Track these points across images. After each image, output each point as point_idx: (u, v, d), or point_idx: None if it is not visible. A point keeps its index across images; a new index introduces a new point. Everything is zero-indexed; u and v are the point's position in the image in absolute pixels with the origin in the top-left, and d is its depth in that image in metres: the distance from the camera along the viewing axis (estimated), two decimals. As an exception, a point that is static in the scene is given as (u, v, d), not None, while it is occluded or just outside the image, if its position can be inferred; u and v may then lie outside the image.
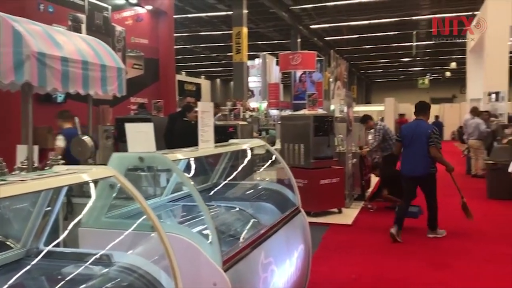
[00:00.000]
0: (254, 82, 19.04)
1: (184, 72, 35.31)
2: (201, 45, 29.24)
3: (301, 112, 8.32)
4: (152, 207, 2.23)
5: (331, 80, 18.78)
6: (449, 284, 4.58)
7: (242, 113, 11.20)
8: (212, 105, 3.45)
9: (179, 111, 8.73)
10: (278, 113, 16.03)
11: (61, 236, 2.53)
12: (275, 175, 4.47)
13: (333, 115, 8.44)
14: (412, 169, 6.04)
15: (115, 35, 10.20)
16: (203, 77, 38.34)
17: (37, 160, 4.10)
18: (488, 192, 8.75)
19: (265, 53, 19.68)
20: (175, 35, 13.07)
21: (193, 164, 3.29)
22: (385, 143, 8.34)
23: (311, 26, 24.55)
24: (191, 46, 28.76)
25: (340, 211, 7.51)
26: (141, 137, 3.16)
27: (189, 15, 21.15)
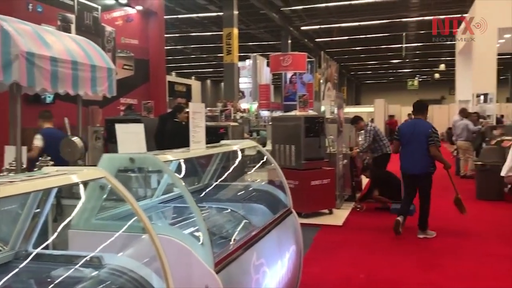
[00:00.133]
0: (244, 83, 19.03)
1: (174, 73, 35.19)
2: (191, 46, 29.17)
3: (292, 113, 8.32)
4: (143, 208, 2.21)
5: (321, 81, 18.86)
6: (440, 284, 4.61)
7: (233, 114, 11.19)
8: (203, 105, 3.43)
9: (169, 112, 8.69)
10: (269, 114, 16.05)
11: (50, 238, 2.50)
12: (266, 176, 4.46)
13: (323, 116, 8.45)
14: (411, 167, 6.12)
15: (105, 36, 10.13)
16: (193, 78, 38.24)
17: (25, 161, 4.06)
18: (477, 193, 8.82)
19: (255, 54, 19.68)
20: (165, 35, 13.02)
21: (184, 165, 3.26)
22: (375, 144, 8.37)
23: (302, 28, 24.62)
24: (182, 46, 28.68)
25: (331, 212, 7.53)
26: (131, 138, 3.14)
27: (180, 16, 21.09)
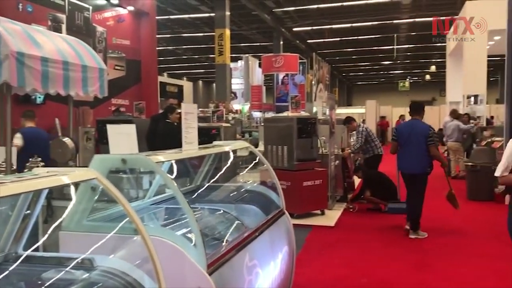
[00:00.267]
0: (236, 84, 19.01)
1: (166, 74, 35.08)
2: (183, 46, 29.09)
3: (284, 114, 8.32)
4: (135, 209, 2.19)
5: (313, 82, 18.91)
6: (432, 285, 4.63)
7: (225, 115, 11.18)
8: (196, 106, 3.42)
9: (161, 112, 8.65)
10: (261, 115, 16.05)
11: (41, 240, 2.47)
12: (259, 177, 4.46)
13: (316, 117, 8.46)
14: (409, 167, 6.18)
15: (96, 36, 10.07)
16: (185, 78, 38.15)
17: (15, 162, 4.02)
18: (467, 193, 8.88)
19: (247, 55, 19.66)
20: (157, 36, 12.97)
21: (176, 166, 3.25)
22: (367, 145, 8.41)
23: (294, 29, 24.66)
24: (173, 47, 28.59)
25: (323, 213, 7.54)
26: (123, 138, 3.12)
27: (171, 17, 21.02)
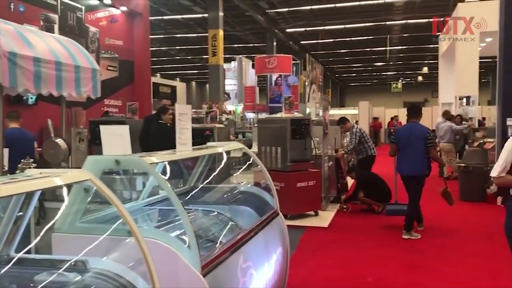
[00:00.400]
0: (230, 85, 19.00)
1: (159, 75, 34.99)
2: (176, 47, 29.04)
3: (278, 115, 8.33)
4: (129, 211, 2.17)
5: (306, 83, 18.95)
6: (425, 285, 4.64)
7: (219, 116, 11.16)
8: (189, 107, 3.41)
9: (154, 113, 8.63)
10: (254, 116, 16.05)
11: (33, 242, 2.45)
12: (253, 178, 4.45)
13: (309, 118, 8.46)
14: (408, 169, 6.21)
15: (89, 36, 10.01)
16: (178, 79, 38.07)
17: (7, 163, 3.99)
18: (460, 194, 8.93)
19: (241, 56, 19.66)
20: (150, 37, 12.92)
21: (170, 167, 3.23)
22: (360, 146, 8.43)
23: (287, 30, 24.70)
24: (167, 48, 28.52)
25: (317, 214, 7.54)
26: (116, 139, 3.09)
27: (165, 17, 20.97)
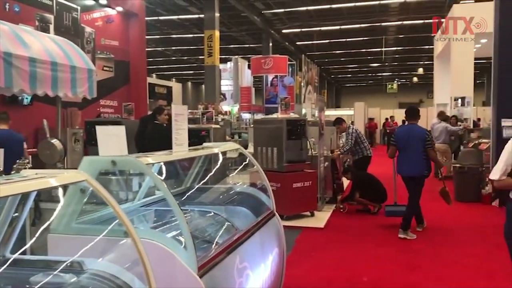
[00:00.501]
0: (226, 85, 19.01)
1: (154, 75, 34.91)
2: (172, 47, 29.00)
3: (274, 116, 8.34)
4: (125, 212, 2.17)
5: (302, 84, 18.97)
6: (421, 285, 4.66)
7: (214, 116, 11.17)
8: (186, 107, 3.40)
9: (150, 113, 8.62)
10: (250, 116, 16.06)
11: (28, 243, 2.44)
12: (249, 179, 4.45)
13: (305, 119, 8.47)
14: (408, 169, 6.30)
15: (85, 37, 9.99)
16: (174, 80, 38.01)
17: (2, 164, 3.96)
18: (455, 195, 8.94)
19: (237, 56, 19.67)
20: (146, 37, 12.91)
21: (167, 167, 3.22)
22: (356, 146, 8.45)
23: (283, 31, 24.73)
24: (162, 48, 28.48)
25: (313, 214, 7.55)
26: (112, 140, 3.08)
27: (161, 18, 20.96)
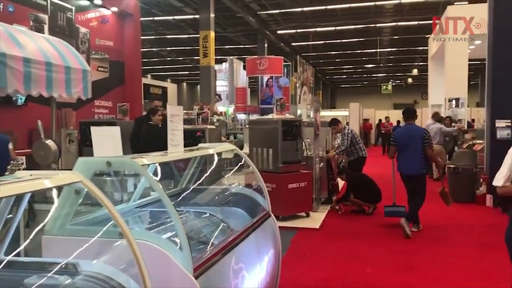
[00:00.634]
0: (221, 86, 18.99)
1: (149, 76, 34.83)
2: (167, 48, 28.94)
3: (269, 117, 8.34)
4: (120, 213, 2.16)
5: (297, 85, 19.00)
6: (417, 286, 4.67)
7: (210, 117, 11.15)
8: (181, 108, 3.39)
9: (145, 114, 8.60)
10: (246, 117, 16.06)
11: (22, 244, 2.42)
12: (244, 180, 4.44)
13: (300, 119, 8.47)
14: (408, 168, 6.48)
15: (79, 37, 9.95)
16: (169, 80, 37.95)
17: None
18: (449, 195, 8.97)
19: (232, 57, 19.66)
20: (141, 37, 12.88)
21: (162, 168, 3.21)
22: (351, 147, 8.46)
23: (278, 32, 24.74)
24: (157, 49, 28.42)
25: (308, 215, 7.55)
26: (107, 141, 3.07)
27: (156, 18, 20.90)
